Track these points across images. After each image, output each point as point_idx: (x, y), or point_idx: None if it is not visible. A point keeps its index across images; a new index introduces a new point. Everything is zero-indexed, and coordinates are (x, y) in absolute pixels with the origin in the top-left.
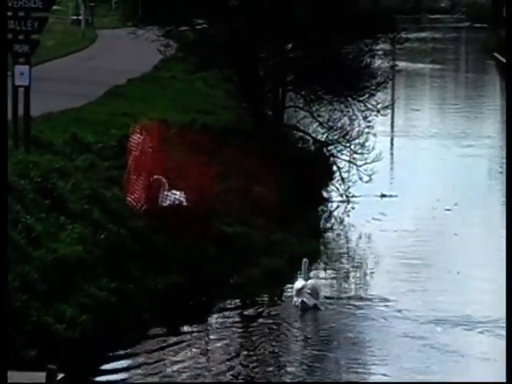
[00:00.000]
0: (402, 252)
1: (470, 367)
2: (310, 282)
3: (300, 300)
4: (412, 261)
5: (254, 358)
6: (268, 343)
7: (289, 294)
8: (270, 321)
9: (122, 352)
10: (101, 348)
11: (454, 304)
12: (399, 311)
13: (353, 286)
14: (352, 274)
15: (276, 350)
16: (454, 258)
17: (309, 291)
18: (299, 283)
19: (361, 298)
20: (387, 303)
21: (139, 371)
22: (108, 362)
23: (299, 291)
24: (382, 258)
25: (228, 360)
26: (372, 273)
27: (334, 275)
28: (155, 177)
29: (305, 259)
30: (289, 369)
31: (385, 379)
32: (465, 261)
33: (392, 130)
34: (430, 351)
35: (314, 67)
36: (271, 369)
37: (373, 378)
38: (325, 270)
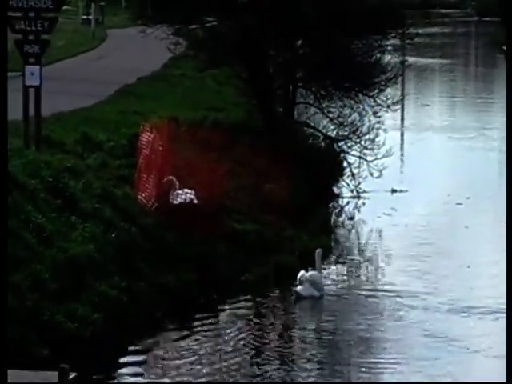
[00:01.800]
0: (413, 246)
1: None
2: (309, 272)
3: (294, 290)
4: (423, 254)
5: (267, 354)
6: (280, 340)
7: None
8: (282, 317)
9: (133, 350)
10: (112, 347)
11: (462, 294)
12: (410, 303)
13: (364, 280)
14: (363, 268)
15: (287, 346)
16: (465, 250)
17: (306, 281)
18: (300, 273)
19: (372, 291)
20: (399, 296)
21: (151, 369)
22: (119, 361)
23: (299, 281)
24: (393, 252)
25: (239, 356)
26: (383, 267)
27: (346, 270)
28: (167, 178)
29: (318, 250)
30: (301, 366)
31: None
32: (476, 254)
33: (402, 125)
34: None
35: (324, 63)
36: (282, 366)
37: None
38: (336, 264)
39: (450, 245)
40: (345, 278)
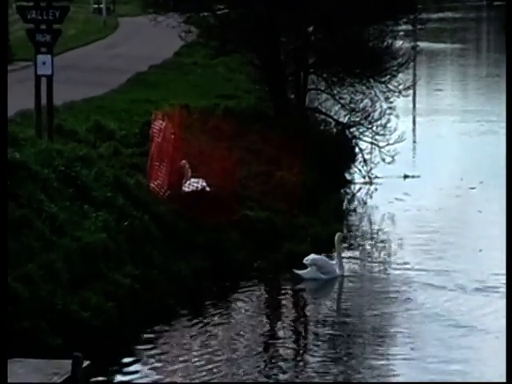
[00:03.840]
0: (425, 230)
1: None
2: (311, 255)
3: (295, 272)
4: (436, 238)
5: (280, 342)
6: (293, 327)
7: None
8: (294, 304)
9: (147, 338)
10: (126, 335)
11: (473, 276)
12: (424, 285)
13: (377, 265)
14: (376, 253)
15: (301, 333)
16: (478, 235)
17: (309, 264)
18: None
19: (384, 276)
20: (411, 280)
21: (164, 358)
22: (133, 349)
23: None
24: (405, 237)
25: (252, 345)
26: (396, 251)
27: (358, 255)
28: (182, 162)
29: (338, 233)
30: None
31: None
32: (488, 238)
33: (414, 111)
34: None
35: (335, 49)
36: (295, 356)
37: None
38: (349, 250)
39: (462, 229)
40: (358, 262)
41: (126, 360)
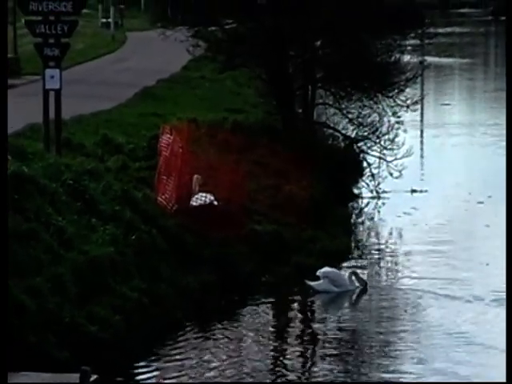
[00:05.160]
0: (433, 244)
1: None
2: (324, 268)
3: (308, 283)
4: (443, 252)
5: (288, 357)
6: (301, 342)
7: None
8: (302, 318)
9: (154, 352)
10: (134, 349)
11: (478, 288)
12: (432, 298)
13: (384, 278)
14: (384, 267)
15: (309, 348)
16: (486, 249)
17: (322, 277)
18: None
19: (392, 288)
20: (418, 293)
21: (172, 372)
22: (141, 363)
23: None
24: (413, 250)
25: (260, 359)
26: (404, 265)
27: (366, 269)
28: (194, 177)
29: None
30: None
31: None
32: (496, 252)
33: (421, 125)
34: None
35: (343, 64)
36: (303, 371)
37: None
38: (357, 263)
39: (470, 243)
40: (367, 276)
41: (134, 373)
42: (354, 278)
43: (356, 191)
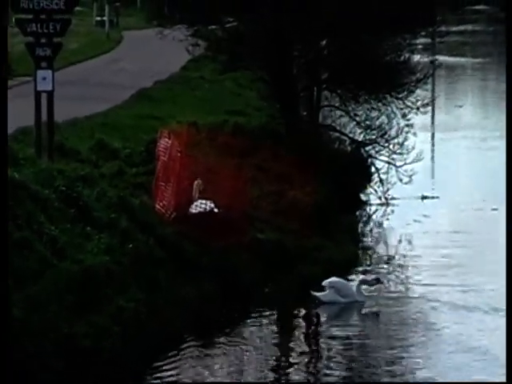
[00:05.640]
0: (445, 253)
1: None
2: (331, 278)
3: (313, 294)
4: (456, 262)
5: (291, 374)
6: (306, 357)
7: None
8: (307, 332)
9: (152, 365)
10: (131, 361)
11: (495, 301)
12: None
13: (394, 289)
14: (392, 279)
15: (314, 366)
16: (501, 258)
17: (328, 287)
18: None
19: (402, 300)
20: (431, 305)
21: None
22: (139, 376)
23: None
24: (424, 260)
25: (262, 377)
26: (414, 275)
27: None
28: (196, 182)
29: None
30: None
31: None
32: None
33: (432, 128)
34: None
35: (350, 64)
36: None
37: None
38: (365, 273)
39: (484, 252)
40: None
41: None
42: (363, 288)
43: (364, 197)
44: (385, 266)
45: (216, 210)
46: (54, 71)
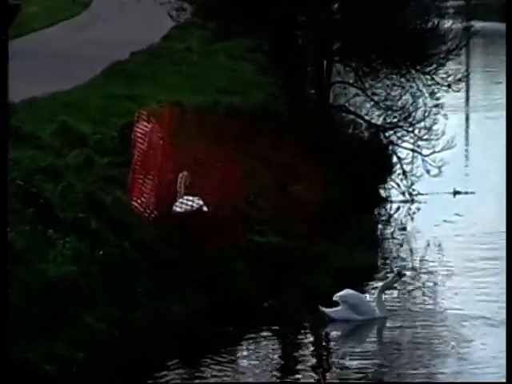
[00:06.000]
0: (481, 260)
1: None
2: (343, 291)
3: (322, 310)
4: (494, 271)
5: None
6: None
7: None
8: (315, 355)
9: None
10: None
11: None
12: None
13: (420, 303)
14: (419, 289)
15: None
16: None
17: (340, 302)
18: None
19: (429, 316)
20: (463, 322)
21: None
22: None
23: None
24: (456, 268)
25: None
26: (444, 286)
27: (398, 292)
28: (181, 174)
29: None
30: None
31: None
32: None
33: (467, 109)
34: None
35: (367, 32)
36: None
37: None
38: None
39: None
40: (396, 303)
41: None
42: (382, 297)
43: (383, 193)
44: (409, 276)
45: (205, 209)
46: (9, 40)
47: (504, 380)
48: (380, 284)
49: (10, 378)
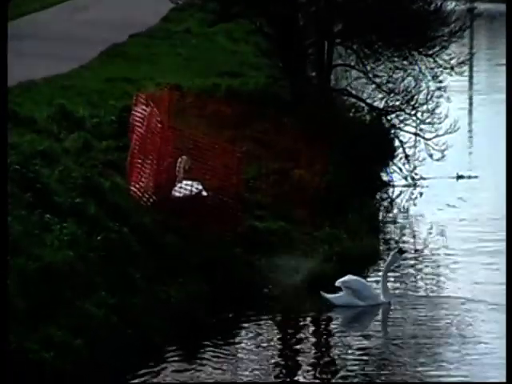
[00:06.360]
0: (485, 246)
1: None
2: (346, 277)
3: (324, 296)
4: (498, 256)
5: None
6: (314, 374)
7: None
8: (316, 342)
9: None
10: (99, 380)
11: None
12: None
13: (423, 289)
14: (422, 274)
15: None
16: None
17: (342, 287)
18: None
19: (433, 302)
20: (467, 307)
21: None
22: None
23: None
24: (459, 253)
25: None
26: (447, 271)
27: (398, 279)
28: (181, 158)
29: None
30: None
31: None
32: None
33: (471, 92)
34: None
35: (369, 13)
36: None
37: None
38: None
39: None
40: (400, 286)
41: None
42: (387, 281)
43: (385, 177)
44: (411, 262)
45: (204, 193)
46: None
47: (504, 380)
48: (383, 266)
49: (7, 365)
